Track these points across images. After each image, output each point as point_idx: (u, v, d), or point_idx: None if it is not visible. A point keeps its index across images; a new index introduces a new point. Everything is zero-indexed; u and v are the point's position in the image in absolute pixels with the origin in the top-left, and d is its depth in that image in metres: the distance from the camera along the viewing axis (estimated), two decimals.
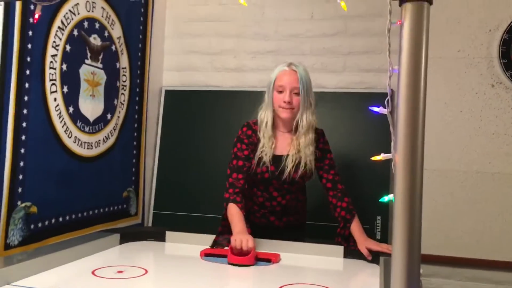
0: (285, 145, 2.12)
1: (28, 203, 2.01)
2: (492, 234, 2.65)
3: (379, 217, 2.75)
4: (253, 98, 3.00)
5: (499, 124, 2.67)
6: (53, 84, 2.13)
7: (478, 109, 2.70)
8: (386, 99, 0.96)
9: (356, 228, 2.00)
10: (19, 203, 1.96)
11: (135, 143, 2.87)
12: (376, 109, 0.99)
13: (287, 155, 2.08)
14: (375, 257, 1.85)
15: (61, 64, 2.17)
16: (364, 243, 1.91)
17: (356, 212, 2.06)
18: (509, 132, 2.65)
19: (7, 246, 1.90)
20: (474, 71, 2.70)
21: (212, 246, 1.96)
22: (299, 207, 2.24)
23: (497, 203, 2.65)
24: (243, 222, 1.95)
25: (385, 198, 0.99)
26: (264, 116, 2.11)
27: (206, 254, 1.88)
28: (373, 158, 1.02)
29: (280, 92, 2.05)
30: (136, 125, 2.87)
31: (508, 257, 2.63)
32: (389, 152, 1.04)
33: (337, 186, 2.12)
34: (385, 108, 0.98)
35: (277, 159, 2.09)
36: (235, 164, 2.09)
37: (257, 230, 2.07)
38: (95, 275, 1.58)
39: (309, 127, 2.09)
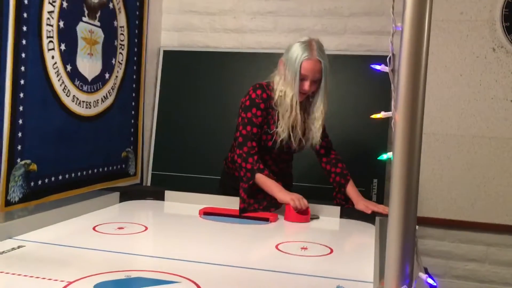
0: (293, 120, 2.08)
1: (28, 161, 2.02)
2: (486, 198, 2.69)
3: (375, 180, 2.78)
4: (252, 60, 2.99)
5: (498, 88, 2.66)
6: (50, 41, 2.10)
7: (478, 73, 2.69)
8: (388, 56, 0.96)
9: (351, 190, 2.08)
10: (18, 160, 1.97)
11: (133, 103, 2.86)
12: (377, 67, 0.98)
13: (297, 129, 2.08)
14: (371, 217, 1.88)
15: (58, 21, 2.14)
16: (362, 202, 1.99)
17: (350, 177, 2.12)
18: (509, 97, 2.66)
19: (8, 203, 1.92)
20: (475, 34, 2.68)
21: (244, 212, 1.93)
22: (288, 172, 2.29)
23: (492, 167, 2.68)
24: (280, 185, 1.98)
25: (384, 156, 1.00)
26: (284, 91, 2.03)
27: (205, 213, 1.91)
28: (373, 116, 1.02)
29: (302, 79, 2.02)
30: (134, 86, 2.85)
31: (501, 219, 2.68)
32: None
33: (330, 152, 2.18)
34: (387, 66, 0.98)
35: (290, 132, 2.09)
36: (250, 131, 2.04)
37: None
38: (96, 231, 1.61)
39: (322, 112, 2.09)
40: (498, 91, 2.66)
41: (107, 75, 2.54)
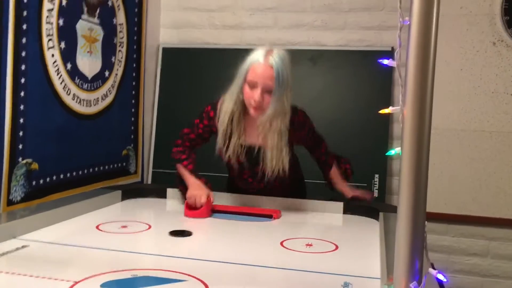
0: (255, 134, 1.88)
1: (29, 160, 2.01)
2: (487, 192, 2.69)
3: (376, 175, 2.78)
4: None
5: (499, 82, 2.66)
6: (50, 39, 2.09)
7: (479, 68, 2.68)
8: (396, 51, 0.95)
9: (334, 173, 2.06)
10: (20, 159, 1.96)
11: (133, 101, 2.85)
12: (385, 61, 0.98)
13: (259, 148, 1.88)
14: (374, 212, 1.88)
15: (58, 19, 2.13)
16: (342, 184, 2.04)
17: (335, 162, 2.07)
18: (509, 91, 2.65)
19: (10, 202, 1.91)
20: (475, 29, 2.68)
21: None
22: (294, 179, 2.08)
23: (493, 161, 2.68)
24: (192, 176, 1.94)
25: (392, 151, 0.99)
26: (231, 105, 1.86)
27: None
28: (381, 111, 1.02)
29: (252, 87, 1.77)
30: (134, 83, 2.84)
31: (502, 213, 2.68)
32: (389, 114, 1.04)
33: (328, 163, 2.07)
34: (394, 60, 0.97)
35: (250, 150, 1.91)
36: (187, 133, 2.03)
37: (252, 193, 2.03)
38: (100, 230, 1.61)
39: (277, 116, 1.81)
40: (499, 85, 2.66)
41: (107, 73, 2.53)
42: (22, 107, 1.95)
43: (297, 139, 1.94)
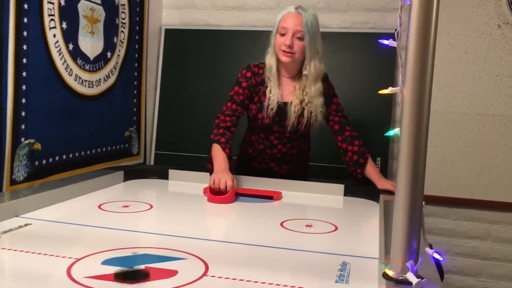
0: (288, 92, 2.05)
1: (32, 140, 2.02)
2: (489, 176, 2.69)
3: (379, 158, 2.78)
4: (254, 38, 2.96)
5: (503, 66, 2.64)
6: (52, 19, 2.08)
7: (483, 50, 2.66)
8: (396, 31, 0.94)
9: (371, 169, 1.99)
10: (22, 139, 1.97)
11: (135, 82, 2.84)
12: (385, 41, 0.97)
13: (291, 103, 2.02)
14: (375, 194, 1.89)
15: None
16: (385, 181, 1.94)
17: (369, 154, 2.03)
18: None
19: (13, 182, 1.92)
20: (480, 11, 2.65)
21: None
22: (301, 156, 2.19)
23: (496, 145, 2.68)
24: (225, 161, 1.92)
25: (391, 132, 1.00)
26: (270, 60, 2.03)
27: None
28: (380, 92, 1.02)
29: (283, 35, 1.96)
30: (136, 65, 2.83)
31: (504, 197, 2.68)
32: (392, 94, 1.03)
33: (345, 129, 2.06)
34: (395, 40, 0.97)
35: (281, 107, 2.03)
36: (229, 107, 2.05)
37: (257, 175, 2.08)
38: (102, 209, 1.62)
39: (318, 76, 2.01)
40: (503, 68, 2.64)
41: (109, 54, 2.52)
42: (24, 87, 1.96)
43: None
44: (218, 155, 1.94)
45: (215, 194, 1.80)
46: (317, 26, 1.98)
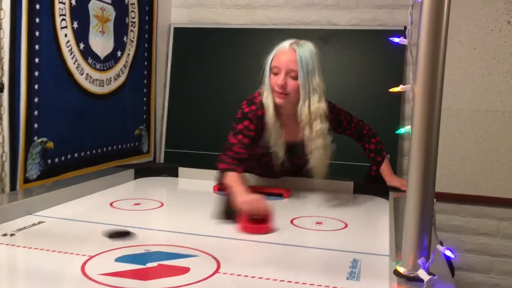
0: (295, 131, 1.84)
1: (45, 139, 2.04)
2: (499, 172, 2.68)
3: (388, 156, 2.76)
4: (263, 36, 2.97)
5: None
6: (63, 19, 2.10)
7: (493, 47, 2.65)
8: (408, 28, 0.95)
9: (385, 167, 2.01)
10: (35, 138, 1.99)
11: (145, 81, 2.86)
12: (396, 39, 0.98)
13: (298, 143, 1.84)
14: (385, 192, 1.89)
15: None
16: (395, 179, 1.96)
17: (385, 152, 2.04)
18: None
19: (26, 180, 1.95)
20: (490, 7, 2.63)
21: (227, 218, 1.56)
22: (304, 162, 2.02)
23: (506, 141, 2.67)
24: (246, 185, 1.64)
25: (402, 130, 1.00)
26: (267, 100, 1.80)
27: (219, 189, 1.93)
28: (391, 90, 1.02)
29: (276, 74, 1.76)
30: (146, 63, 2.85)
31: None
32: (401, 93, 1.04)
33: (362, 133, 2.03)
34: (405, 38, 0.97)
35: (288, 147, 1.87)
36: (241, 139, 1.75)
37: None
38: (114, 207, 1.64)
39: (317, 116, 1.77)
40: None
41: (119, 53, 2.54)
42: (36, 86, 1.98)
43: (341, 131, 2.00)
44: (236, 180, 1.63)
45: (252, 223, 1.45)
46: (314, 62, 1.76)
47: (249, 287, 1.03)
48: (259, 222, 1.44)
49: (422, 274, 0.91)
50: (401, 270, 0.96)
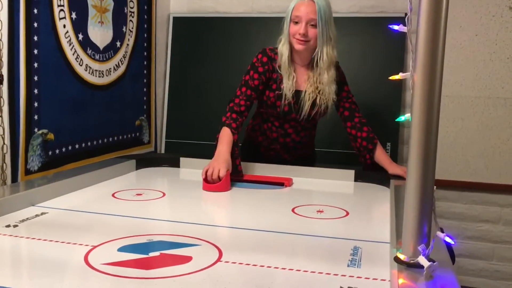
0: (302, 81, 2.04)
1: (45, 130, 2.04)
2: (501, 159, 2.68)
3: (388, 144, 2.78)
4: (263, 25, 2.96)
5: None
6: (61, 10, 2.09)
7: (494, 33, 2.63)
8: (407, 16, 0.94)
9: (380, 155, 2.02)
10: (36, 130, 1.99)
11: (145, 71, 2.86)
12: (395, 27, 0.97)
13: (305, 91, 2.02)
14: (386, 179, 1.89)
15: None
16: (396, 167, 1.96)
17: (377, 140, 2.05)
18: None
19: (28, 172, 1.96)
20: None
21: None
22: (310, 143, 2.23)
23: (507, 128, 2.66)
24: (229, 146, 1.87)
25: (402, 118, 1.00)
26: (282, 48, 2.00)
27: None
28: (391, 77, 1.02)
29: (296, 23, 1.95)
30: (145, 54, 2.84)
31: None
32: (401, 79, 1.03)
33: (354, 115, 2.08)
34: (405, 25, 0.96)
35: (297, 95, 2.03)
36: (244, 92, 2.01)
37: (265, 162, 2.09)
38: (116, 197, 1.65)
39: (330, 63, 2.00)
40: None
41: (118, 44, 2.54)
42: (36, 78, 1.98)
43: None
44: (225, 138, 1.90)
45: (208, 182, 1.79)
46: (330, 12, 1.96)
47: (250, 275, 1.04)
48: (209, 182, 1.78)
49: (422, 260, 0.92)
50: (402, 257, 0.96)
